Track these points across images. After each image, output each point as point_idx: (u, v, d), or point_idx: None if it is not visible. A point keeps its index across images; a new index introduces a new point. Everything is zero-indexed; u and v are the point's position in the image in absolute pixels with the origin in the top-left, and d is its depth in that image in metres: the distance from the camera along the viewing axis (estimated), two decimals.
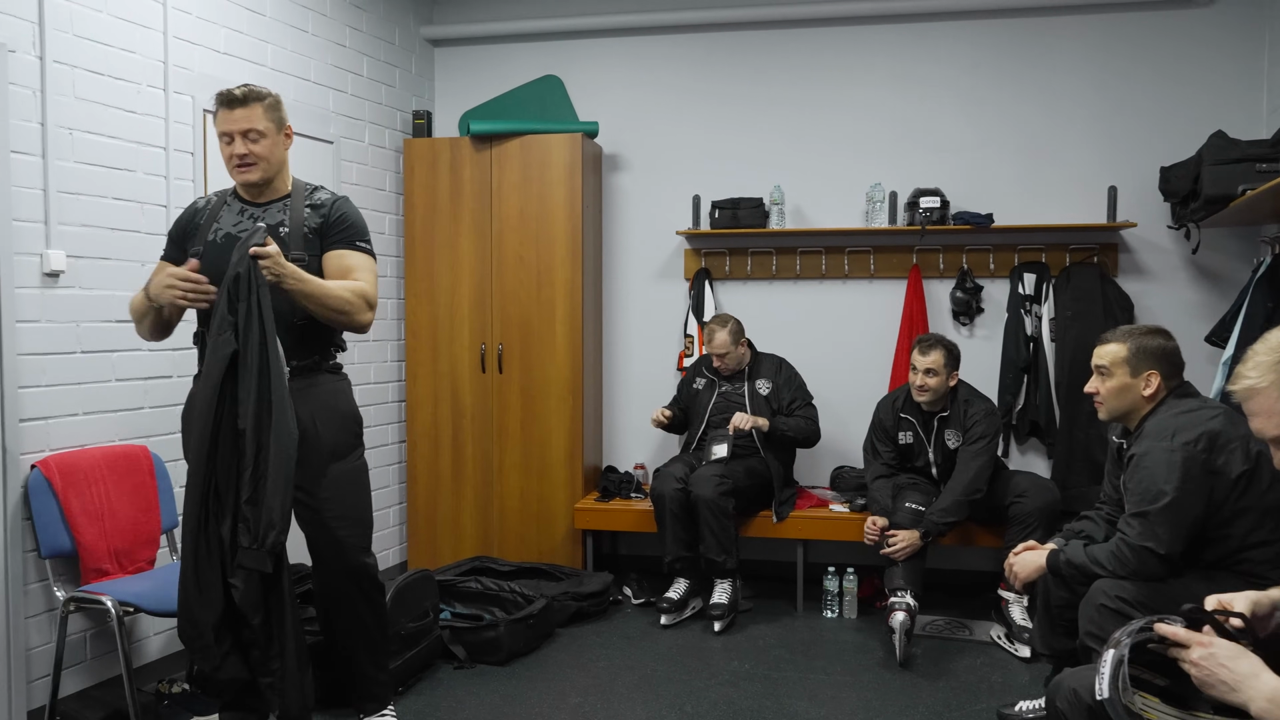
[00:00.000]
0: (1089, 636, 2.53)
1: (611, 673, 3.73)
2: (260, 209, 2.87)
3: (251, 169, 2.80)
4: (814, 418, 4.53)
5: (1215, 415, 2.60)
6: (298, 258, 2.76)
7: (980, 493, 4.00)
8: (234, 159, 2.80)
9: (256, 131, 2.78)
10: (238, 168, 2.81)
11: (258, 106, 2.78)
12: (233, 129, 2.78)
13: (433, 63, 5.35)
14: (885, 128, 4.88)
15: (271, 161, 2.83)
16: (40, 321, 3.11)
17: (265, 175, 2.84)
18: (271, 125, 2.81)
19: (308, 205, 2.88)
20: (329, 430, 2.87)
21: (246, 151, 2.78)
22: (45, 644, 3.12)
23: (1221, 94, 4.53)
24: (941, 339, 4.11)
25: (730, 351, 4.47)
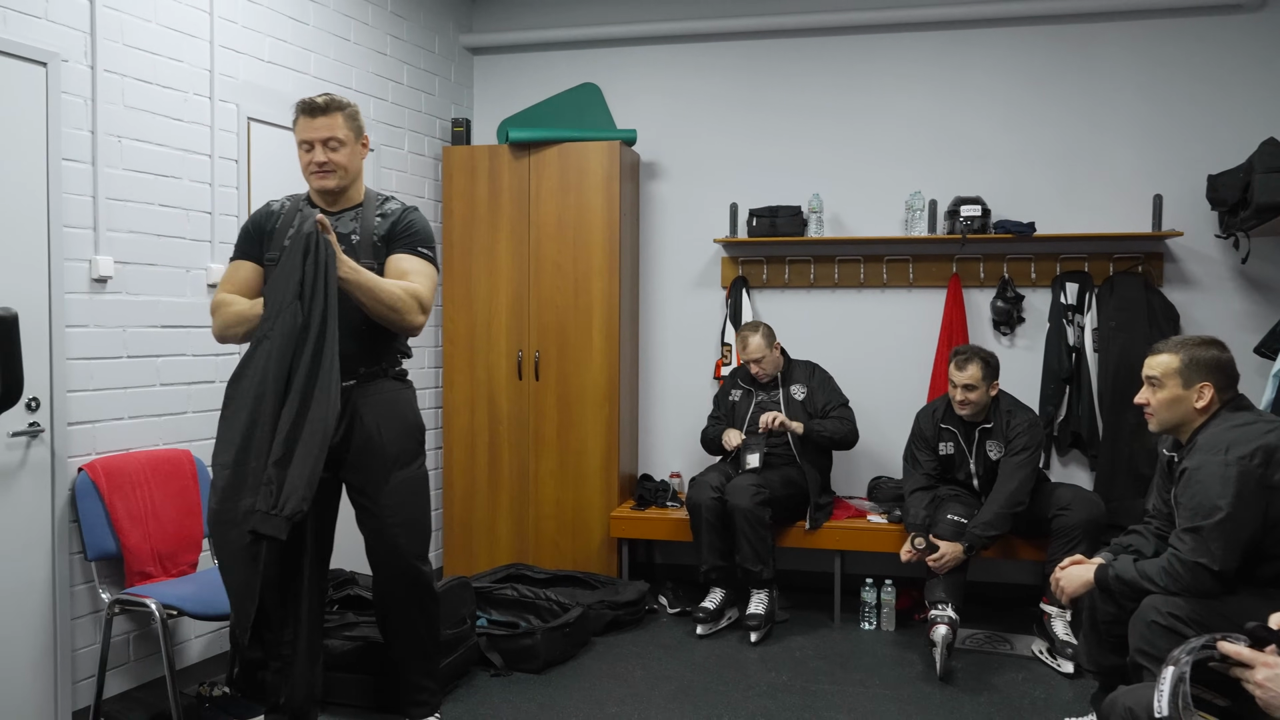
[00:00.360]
0: (1140, 654, 2.48)
1: (649, 682, 3.71)
2: (333, 217, 2.90)
3: (329, 176, 2.85)
4: (850, 418, 4.49)
5: (1271, 429, 2.54)
6: (367, 264, 2.81)
7: (1023, 505, 3.94)
8: (312, 165, 2.85)
9: (336, 140, 2.83)
10: (315, 174, 2.86)
11: (339, 115, 2.84)
12: (313, 137, 2.83)
13: (472, 70, 5.38)
14: (925, 135, 4.84)
15: (349, 170, 2.88)
16: (89, 326, 3.16)
17: (342, 183, 2.88)
18: (351, 134, 2.86)
19: (378, 214, 2.93)
20: (393, 437, 2.90)
21: (326, 159, 2.83)
22: (90, 645, 3.16)
23: (1271, 102, 4.44)
24: (978, 351, 4.05)
25: (766, 355, 4.45)
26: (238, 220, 3.72)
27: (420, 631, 3.05)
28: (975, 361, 4.00)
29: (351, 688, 3.40)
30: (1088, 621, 2.93)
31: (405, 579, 2.98)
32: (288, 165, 3.93)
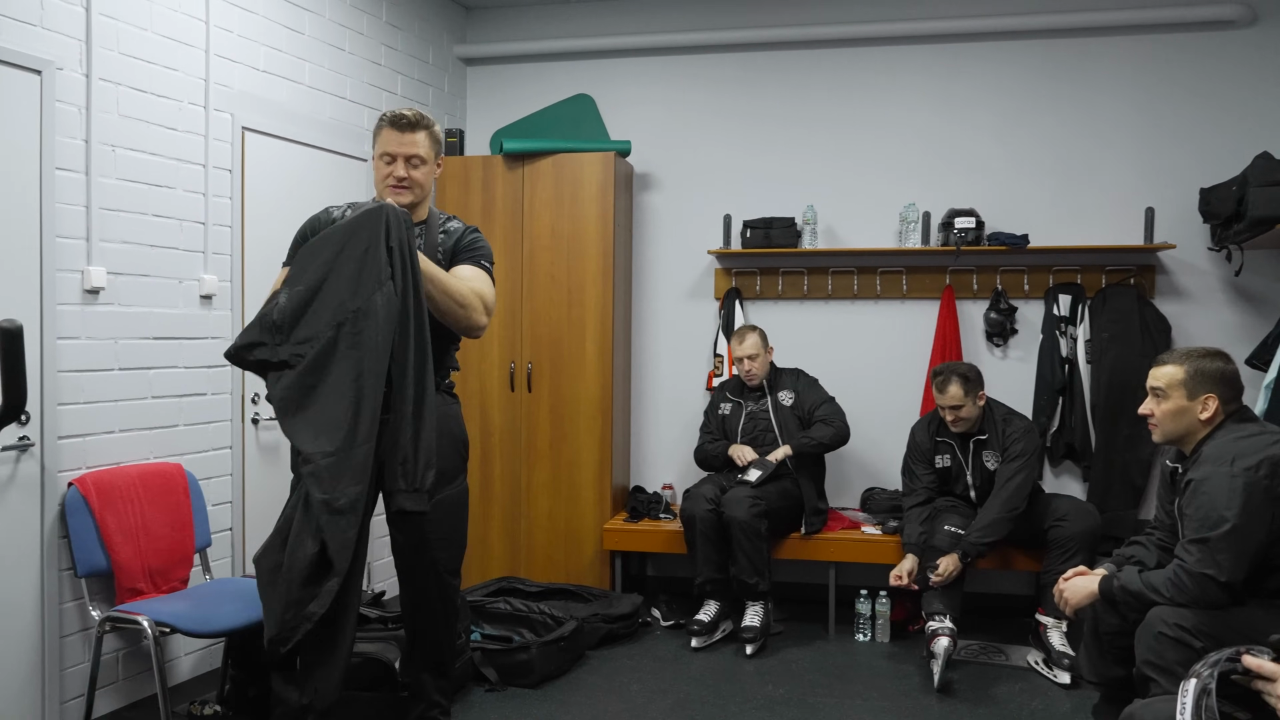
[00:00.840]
0: (1148, 665, 2.48)
1: (645, 696, 3.68)
2: None
3: (406, 192, 2.84)
4: (838, 416, 4.46)
5: (1277, 440, 2.55)
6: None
7: (1019, 510, 3.94)
8: (391, 179, 2.83)
9: (419, 158, 2.84)
10: (393, 189, 2.84)
11: (425, 134, 2.85)
12: (397, 151, 2.82)
13: (465, 81, 5.36)
14: (919, 148, 4.86)
15: (425, 188, 2.89)
16: (80, 338, 3.11)
17: (415, 200, 2.87)
18: (431, 154, 2.87)
19: (441, 232, 2.94)
20: (441, 454, 2.85)
21: (406, 175, 2.82)
22: (80, 664, 3.10)
23: (1262, 116, 4.49)
24: (953, 369, 4.06)
25: (760, 354, 4.48)
26: (231, 230, 3.69)
27: (442, 645, 3.04)
28: (953, 380, 4.02)
29: (358, 705, 3.35)
30: (1090, 633, 2.92)
31: (437, 593, 2.99)
32: (281, 174, 3.93)
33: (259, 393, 3.85)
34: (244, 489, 3.80)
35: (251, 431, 3.84)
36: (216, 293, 3.62)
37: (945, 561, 3.86)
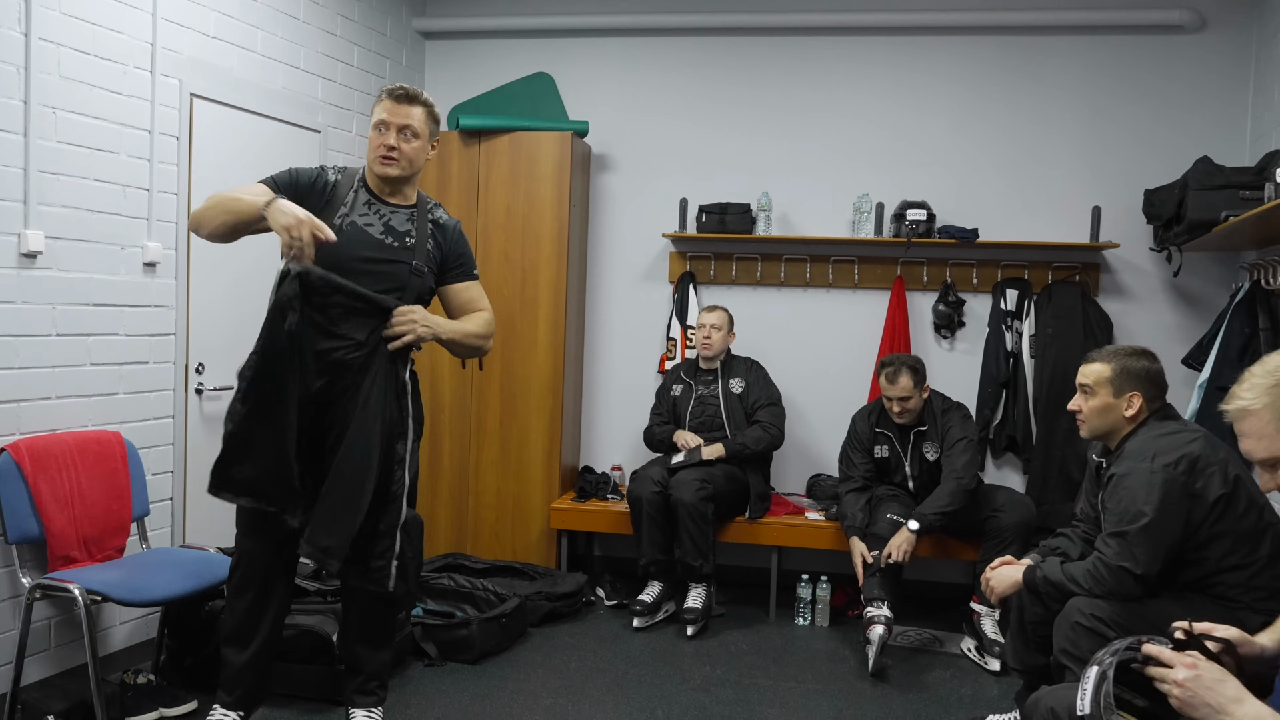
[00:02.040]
0: (1063, 654, 2.54)
1: (583, 674, 3.71)
2: (389, 209, 2.89)
3: (393, 164, 2.83)
4: (776, 421, 4.50)
5: (1195, 438, 2.62)
6: (419, 269, 2.86)
7: (971, 486, 4.00)
8: (381, 148, 2.82)
9: (412, 130, 2.83)
10: (382, 158, 2.82)
11: (421, 109, 2.85)
12: (393, 120, 2.81)
13: (424, 55, 5.31)
14: (875, 139, 4.90)
15: (414, 163, 2.88)
16: (15, 303, 3.06)
17: (403, 173, 2.86)
18: (426, 131, 2.87)
19: (430, 220, 2.94)
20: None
21: (396, 145, 2.81)
22: (8, 630, 3.06)
23: (1207, 120, 4.58)
24: (905, 361, 4.11)
25: (724, 328, 4.54)
26: (177, 198, 3.64)
27: (377, 619, 3.03)
28: (904, 372, 4.07)
29: (294, 677, 3.34)
30: (1015, 622, 2.99)
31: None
32: (230, 142, 3.88)
33: (203, 363, 3.82)
34: (186, 459, 3.77)
35: (195, 401, 3.81)
36: (160, 260, 3.57)
37: (898, 539, 3.87)
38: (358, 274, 2.75)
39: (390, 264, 2.83)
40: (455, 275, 2.99)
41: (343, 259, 2.72)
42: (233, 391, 2.70)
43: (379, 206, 2.88)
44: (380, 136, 2.83)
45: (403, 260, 2.84)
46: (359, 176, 2.93)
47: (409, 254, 2.85)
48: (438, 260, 2.94)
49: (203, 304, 3.79)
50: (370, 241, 2.82)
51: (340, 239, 2.73)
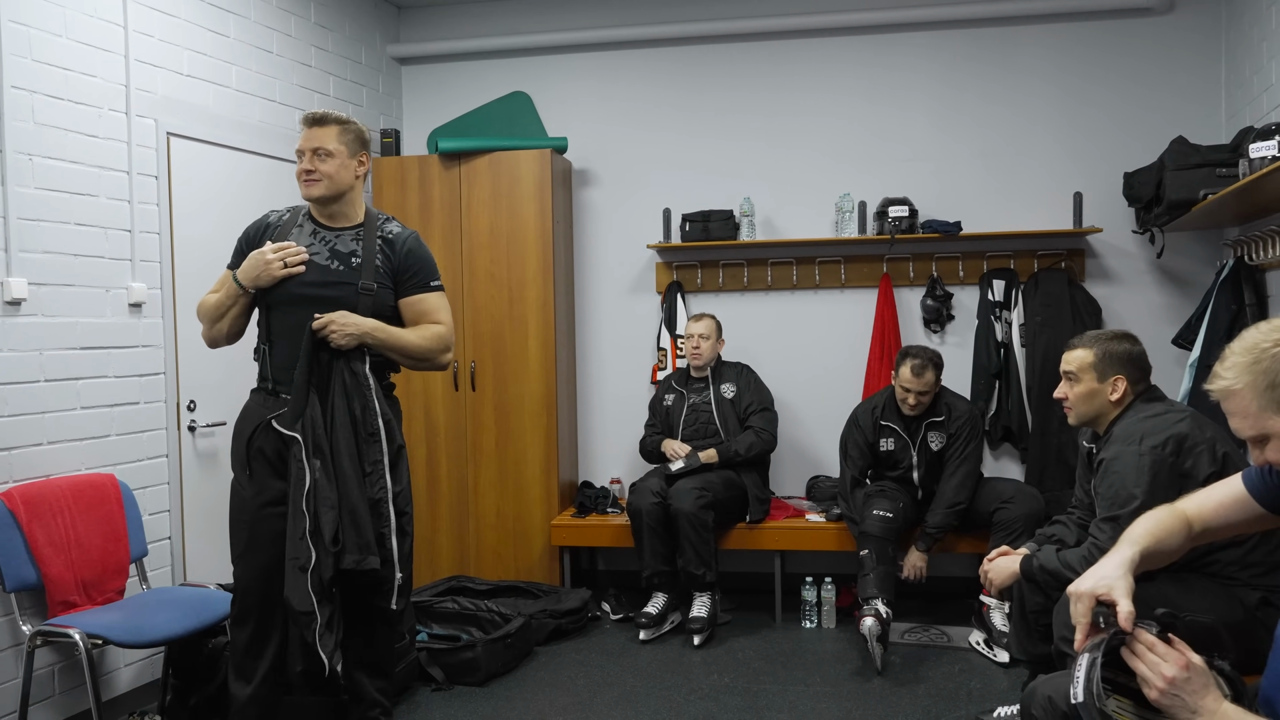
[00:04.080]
0: (1063, 641, 2.53)
1: (591, 690, 3.71)
2: (333, 234, 2.94)
3: (315, 184, 2.90)
4: (768, 426, 4.52)
5: (1182, 419, 2.62)
6: (367, 287, 2.87)
7: (963, 505, 4.12)
8: (301, 174, 2.91)
9: (325, 150, 2.89)
10: (304, 182, 2.91)
11: (333, 128, 2.91)
12: (305, 146, 2.91)
13: (400, 81, 5.34)
14: (853, 138, 4.92)
15: (335, 181, 2.91)
16: (2, 351, 3.06)
17: (327, 192, 2.91)
18: (343, 148, 2.91)
19: (379, 237, 2.96)
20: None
21: (312, 168, 2.88)
22: (11, 680, 3.06)
23: (1182, 100, 4.60)
24: (931, 357, 4.09)
25: (712, 337, 4.56)
26: (159, 237, 3.65)
27: (377, 645, 3.04)
28: (931, 369, 4.06)
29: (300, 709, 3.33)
30: (1017, 611, 2.99)
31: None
32: (210, 179, 3.90)
33: (194, 400, 3.82)
34: (182, 497, 3.77)
35: (188, 439, 3.81)
36: (146, 300, 3.58)
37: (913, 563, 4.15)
38: (306, 301, 2.82)
39: (336, 286, 2.86)
40: (409, 288, 2.98)
41: (291, 289, 2.84)
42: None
43: (324, 233, 2.94)
44: (300, 162, 2.91)
45: (348, 281, 2.88)
46: (304, 211, 3.00)
47: (354, 274, 2.88)
48: (389, 274, 2.95)
49: (191, 341, 3.78)
50: (316, 268, 2.88)
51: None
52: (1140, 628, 1.67)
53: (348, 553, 2.75)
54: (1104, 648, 1.69)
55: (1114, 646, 1.71)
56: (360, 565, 2.76)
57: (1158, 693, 1.50)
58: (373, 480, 2.82)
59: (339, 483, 2.77)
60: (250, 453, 2.87)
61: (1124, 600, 1.62)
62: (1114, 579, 1.66)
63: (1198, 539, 1.88)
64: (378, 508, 2.82)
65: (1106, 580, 1.66)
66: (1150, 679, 1.52)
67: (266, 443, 2.84)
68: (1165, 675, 1.53)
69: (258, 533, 2.84)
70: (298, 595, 2.71)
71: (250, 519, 2.86)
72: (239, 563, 2.91)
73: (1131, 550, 1.74)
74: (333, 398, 2.79)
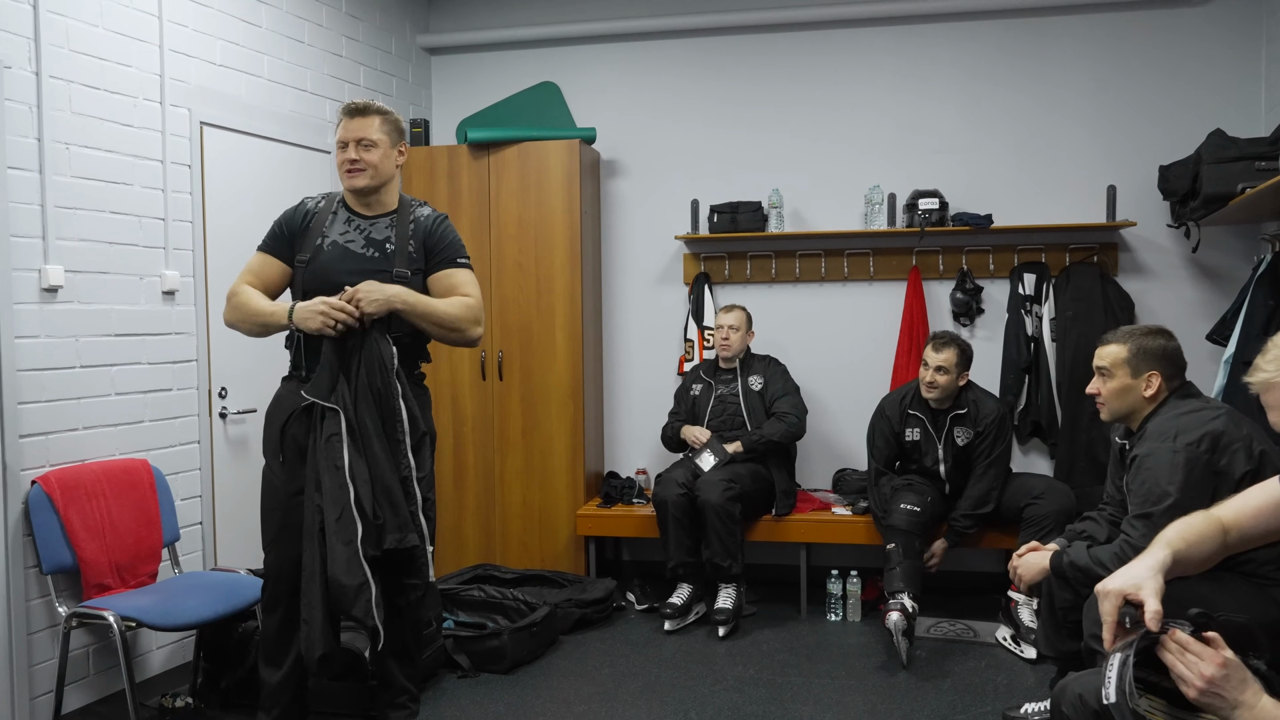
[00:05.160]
0: (1093, 639, 2.51)
1: (616, 680, 3.72)
2: (368, 221, 2.97)
3: (359, 174, 2.92)
4: (794, 411, 4.48)
5: (1218, 415, 2.59)
6: (400, 274, 2.90)
7: (990, 506, 4.11)
8: (345, 163, 2.92)
9: (369, 140, 2.92)
10: (348, 173, 2.93)
11: (375, 118, 2.94)
12: (348, 137, 2.92)
13: (429, 71, 5.35)
14: (883, 130, 4.88)
15: (379, 171, 2.94)
16: (39, 337, 3.11)
17: (371, 183, 2.94)
18: (385, 138, 2.94)
19: (411, 221, 3.00)
20: None
21: (357, 157, 2.90)
22: (48, 660, 3.11)
23: (1219, 92, 4.52)
24: (956, 338, 4.09)
25: (742, 329, 4.55)
26: (192, 226, 3.69)
27: (405, 632, 3.05)
28: (952, 347, 4.05)
29: (328, 695, 3.37)
30: (1046, 608, 2.97)
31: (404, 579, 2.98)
32: (242, 169, 3.93)
33: (225, 387, 3.86)
34: (213, 483, 3.81)
35: (220, 426, 3.85)
36: (179, 288, 3.62)
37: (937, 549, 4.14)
38: (341, 289, 2.83)
39: (370, 274, 2.88)
40: (436, 264, 3.01)
41: (329, 278, 2.87)
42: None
43: (358, 221, 2.97)
44: (343, 153, 2.93)
45: (382, 269, 2.91)
46: (338, 198, 3.02)
47: (388, 261, 2.92)
48: (422, 257, 2.98)
49: (222, 329, 3.77)
50: (351, 256, 2.92)
51: (323, 259, 2.90)
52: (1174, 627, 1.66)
53: (388, 532, 2.76)
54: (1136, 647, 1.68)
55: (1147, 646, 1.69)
56: (402, 543, 2.77)
57: (1197, 692, 1.49)
58: (397, 458, 2.84)
59: (369, 462, 2.78)
60: (284, 441, 2.89)
61: (1152, 600, 1.61)
62: (1143, 579, 1.65)
63: (1233, 547, 1.85)
64: (405, 485, 2.84)
65: (1136, 580, 1.64)
66: (1189, 679, 1.51)
67: (300, 431, 2.87)
68: (1204, 674, 1.52)
69: (289, 521, 2.87)
70: (349, 569, 2.70)
71: (282, 507, 2.89)
72: (270, 549, 2.95)
73: (1164, 552, 1.72)
74: (358, 375, 2.80)
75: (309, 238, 2.96)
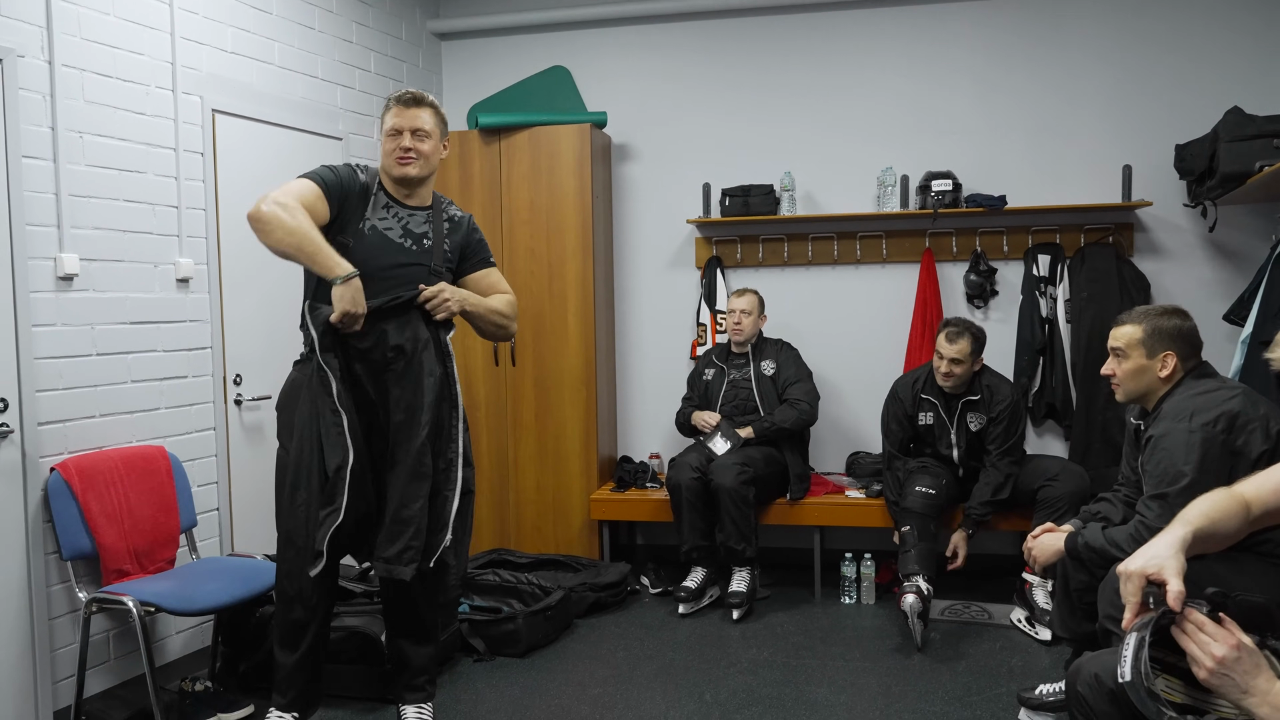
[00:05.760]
0: (1109, 620, 2.51)
1: (631, 663, 3.74)
2: (408, 212, 2.95)
3: (412, 163, 2.90)
4: (806, 398, 4.47)
5: (1234, 395, 2.57)
6: (436, 269, 2.92)
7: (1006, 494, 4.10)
8: (398, 151, 2.90)
9: (424, 131, 2.91)
10: (399, 160, 2.90)
11: (429, 110, 2.94)
12: (404, 125, 2.90)
13: (440, 56, 5.34)
14: (895, 111, 4.85)
15: (430, 162, 2.95)
16: (56, 325, 3.13)
17: (421, 173, 2.93)
18: (436, 130, 2.95)
19: (446, 220, 3.02)
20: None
21: (411, 146, 2.89)
22: (69, 644, 3.15)
23: (1237, 70, 4.47)
24: (969, 326, 4.05)
25: (754, 313, 4.53)
26: (205, 213, 3.70)
27: (421, 615, 3.06)
28: (966, 336, 4.01)
29: (345, 678, 3.41)
30: (1060, 589, 2.96)
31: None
32: (254, 156, 3.94)
33: (240, 374, 3.88)
34: (229, 469, 3.84)
35: (235, 412, 3.88)
36: (193, 276, 3.64)
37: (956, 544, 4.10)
38: (380, 279, 2.79)
39: (410, 267, 2.88)
40: (473, 265, 3.05)
41: (368, 265, 2.76)
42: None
43: (397, 210, 2.94)
44: (395, 140, 2.90)
45: (421, 263, 2.90)
46: (377, 182, 2.97)
47: (427, 256, 2.92)
48: (455, 258, 3.01)
49: (236, 316, 3.85)
50: (391, 246, 2.88)
51: (366, 244, 2.83)
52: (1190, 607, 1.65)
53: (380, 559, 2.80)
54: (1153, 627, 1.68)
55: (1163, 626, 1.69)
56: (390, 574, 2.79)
57: (1207, 672, 1.49)
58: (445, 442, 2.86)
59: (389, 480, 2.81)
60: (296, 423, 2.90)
61: (1174, 580, 1.60)
62: (1165, 558, 1.63)
63: (1256, 523, 1.83)
64: (448, 471, 2.86)
65: (1157, 559, 1.63)
66: (1200, 659, 1.50)
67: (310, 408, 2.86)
68: (1215, 655, 1.51)
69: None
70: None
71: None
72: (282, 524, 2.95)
73: (1184, 530, 1.71)
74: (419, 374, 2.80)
75: (355, 213, 2.87)
